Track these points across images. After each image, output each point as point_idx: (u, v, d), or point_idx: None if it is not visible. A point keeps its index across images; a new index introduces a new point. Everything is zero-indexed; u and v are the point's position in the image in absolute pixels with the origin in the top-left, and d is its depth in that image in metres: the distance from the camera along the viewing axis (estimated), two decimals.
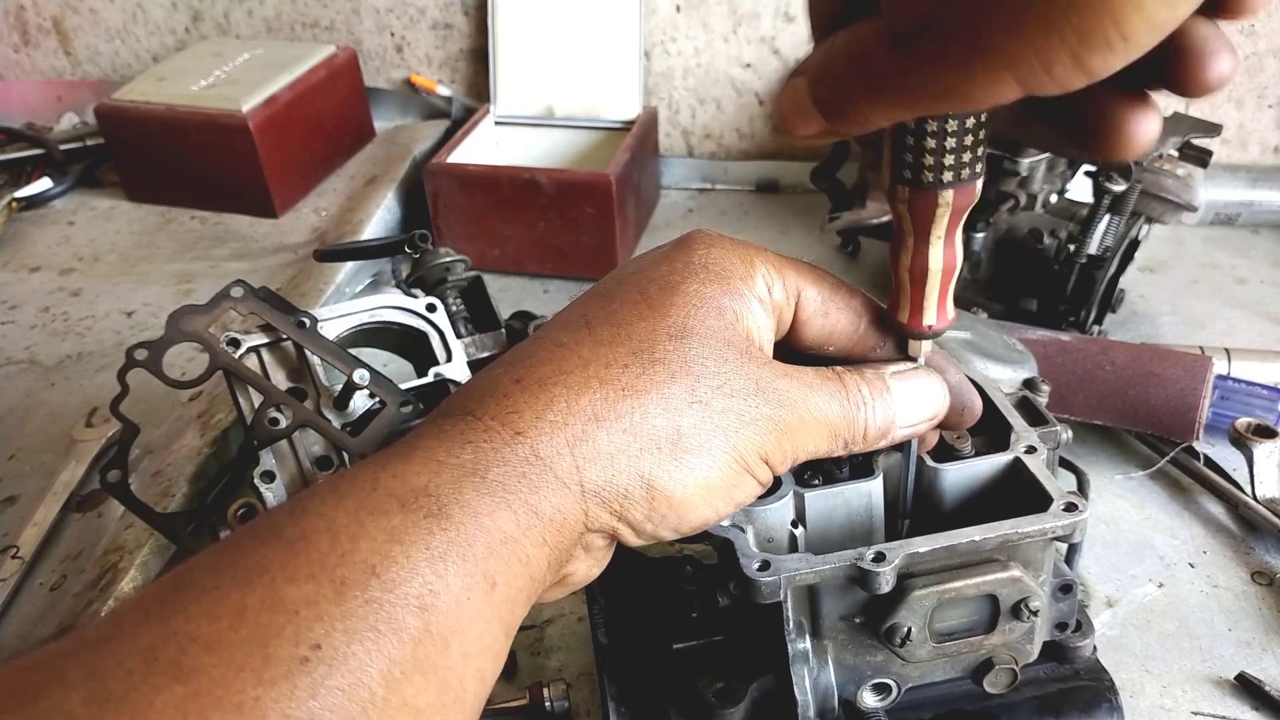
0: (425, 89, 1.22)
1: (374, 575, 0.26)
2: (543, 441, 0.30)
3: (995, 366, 0.59)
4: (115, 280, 0.99)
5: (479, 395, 0.32)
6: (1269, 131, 1.07)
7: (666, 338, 0.33)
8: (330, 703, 0.24)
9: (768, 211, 1.11)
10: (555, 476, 0.30)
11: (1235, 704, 0.54)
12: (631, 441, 0.31)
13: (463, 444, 0.30)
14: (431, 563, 0.27)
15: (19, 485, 0.72)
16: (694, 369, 0.32)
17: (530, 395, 0.31)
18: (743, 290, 0.35)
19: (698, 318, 0.33)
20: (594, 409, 0.31)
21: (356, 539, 0.27)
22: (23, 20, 1.29)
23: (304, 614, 0.25)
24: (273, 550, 0.27)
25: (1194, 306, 0.90)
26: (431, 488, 0.29)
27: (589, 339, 0.33)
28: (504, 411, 0.31)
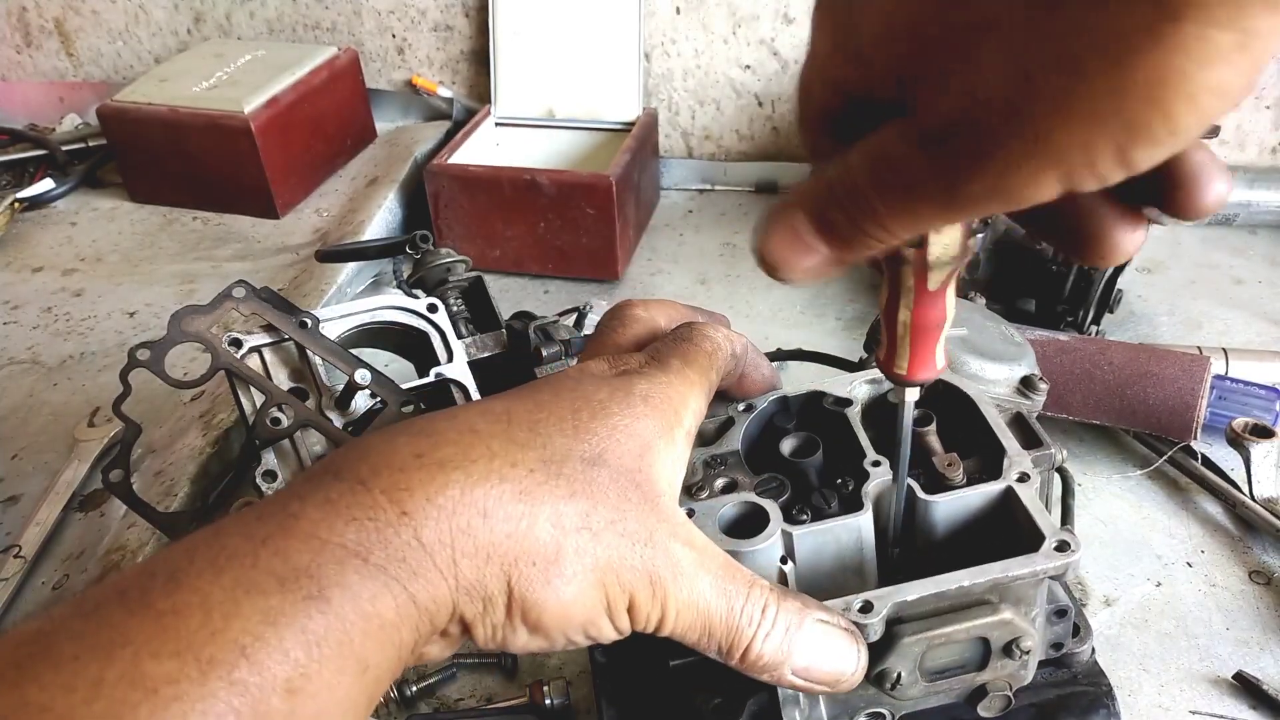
0: (426, 90, 1.22)
1: (244, 656, 0.25)
2: (428, 527, 0.29)
3: (991, 365, 0.58)
4: (117, 281, 1.00)
5: (373, 463, 0.31)
6: (1266, 132, 1.07)
7: (580, 459, 0.32)
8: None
9: None
10: (434, 566, 0.29)
11: (1233, 703, 0.54)
12: (511, 547, 0.30)
13: (348, 520, 0.29)
14: (306, 647, 0.26)
15: (21, 485, 0.73)
16: (595, 497, 0.32)
17: (426, 475, 0.30)
18: (675, 433, 0.35)
19: (615, 452, 0.33)
20: (486, 503, 0.30)
21: (230, 618, 0.26)
22: (25, 21, 1.29)
23: (163, 692, 0.24)
24: (140, 621, 0.26)
25: (1191, 307, 0.91)
26: (313, 568, 0.28)
27: (503, 434, 0.32)
28: (395, 487, 0.30)
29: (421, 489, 0.30)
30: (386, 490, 0.30)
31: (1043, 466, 0.42)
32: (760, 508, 0.37)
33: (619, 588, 0.32)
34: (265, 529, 0.29)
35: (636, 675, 0.46)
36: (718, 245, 1.05)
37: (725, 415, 0.43)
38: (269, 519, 0.29)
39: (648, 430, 0.34)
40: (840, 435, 0.42)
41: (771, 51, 1.12)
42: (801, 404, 0.44)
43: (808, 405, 0.44)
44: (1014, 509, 0.38)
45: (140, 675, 0.24)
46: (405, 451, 0.31)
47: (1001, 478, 0.39)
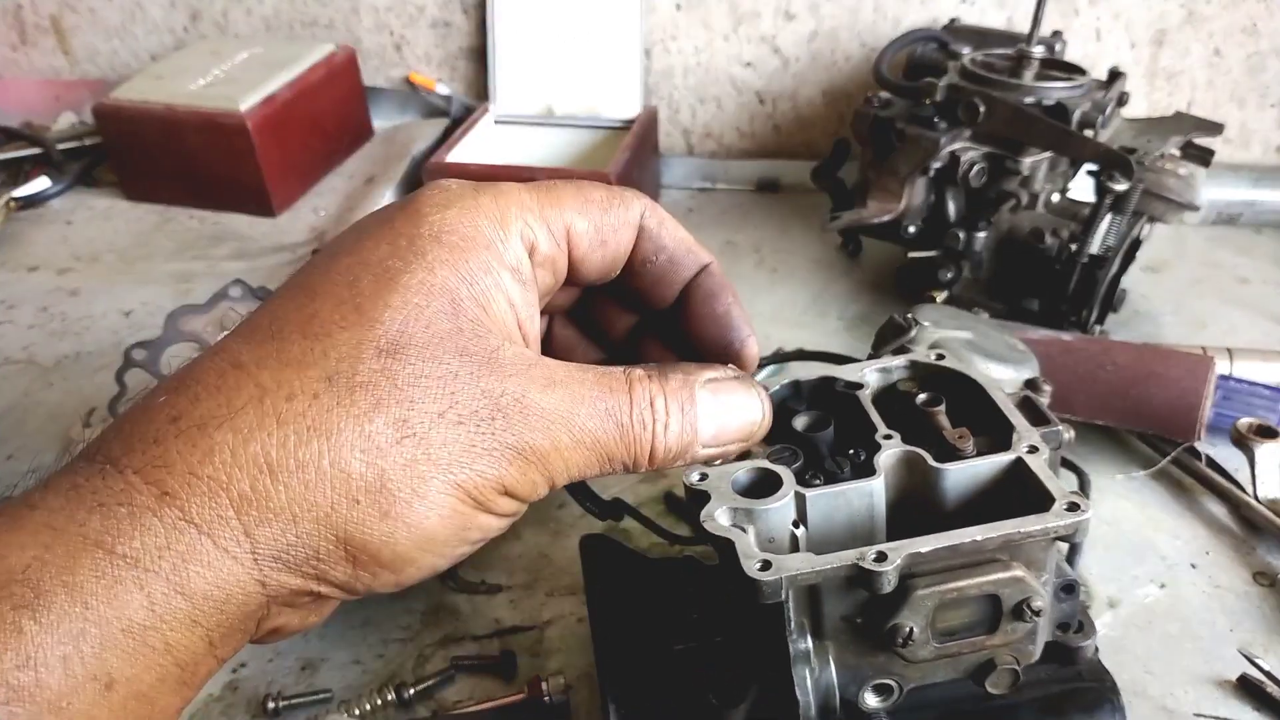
0: (424, 88, 1.22)
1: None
2: (196, 504, 0.24)
3: (997, 367, 0.58)
4: (113, 280, 0.99)
5: (125, 436, 0.26)
6: (1271, 131, 1.07)
7: (375, 353, 0.26)
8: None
9: (768, 211, 1.11)
10: (215, 545, 0.25)
11: (1237, 705, 0.54)
12: (319, 494, 0.25)
13: (92, 506, 0.24)
14: (17, 669, 0.22)
15: (16, 485, 0.72)
16: (408, 393, 0.26)
17: (186, 442, 0.25)
18: (490, 263, 0.28)
19: (419, 322, 0.27)
20: (268, 456, 0.25)
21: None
22: (20, 19, 1.29)
23: None
24: None
25: (1196, 306, 0.90)
26: (33, 569, 0.23)
27: (275, 358, 0.26)
28: (151, 463, 0.25)
29: (182, 461, 0.25)
30: (140, 470, 0.25)
31: (1051, 443, 0.42)
32: (773, 472, 0.38)
33: (480, 480, 0.27)
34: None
35: (639, 659, 0.46)
36: (718, 244, 1.04)
37: None
38: (6, 510, 0.25)
39: (451, 278, 0.27)
40: (851, 418, 0.43)
41: (773, 49, 1.12)
42: (813, 389, 0.45)
43: (818, 390, 0.45)
44: (1024, 478, 0.39)
45: None
46: (161, 416, 0.26)
47: (1011, 450, 0.39)
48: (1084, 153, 0.77)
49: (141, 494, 0.25)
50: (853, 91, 1.12)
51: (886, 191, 0.84)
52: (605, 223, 0.31)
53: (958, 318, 0.65)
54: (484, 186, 0.30)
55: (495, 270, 0.28)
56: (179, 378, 0.27)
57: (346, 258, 0.28)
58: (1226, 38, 1.02)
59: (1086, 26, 1.05)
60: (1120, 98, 0.81)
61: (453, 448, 0.26)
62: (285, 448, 0.25)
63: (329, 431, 0.25)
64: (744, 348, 0.34)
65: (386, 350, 0.26)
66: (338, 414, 0.26)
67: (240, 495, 0.25)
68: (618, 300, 0.35)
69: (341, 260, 0.28)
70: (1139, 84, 1.06)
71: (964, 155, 0.81)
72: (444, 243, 0.28)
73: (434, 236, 0.28)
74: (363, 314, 0.27)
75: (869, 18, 1.08)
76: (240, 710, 0.55)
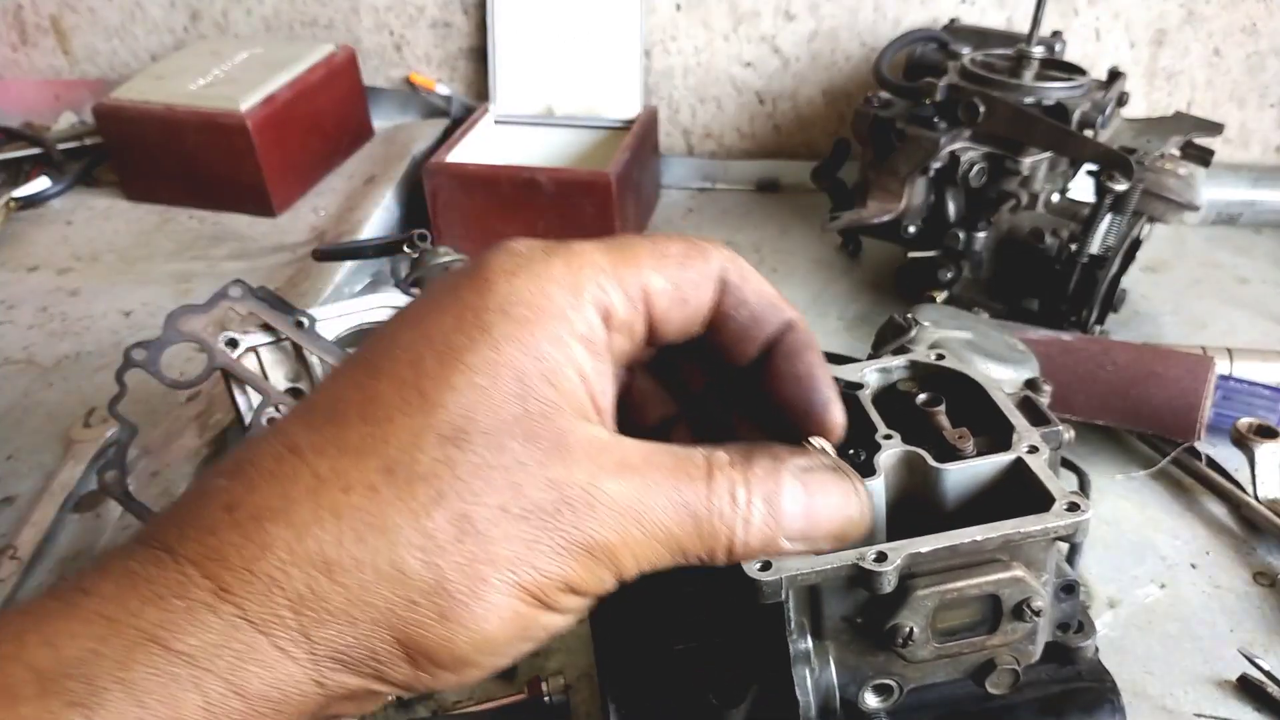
0: (424, 88, 1.22)
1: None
2: (253, 602, 0.23)
3: (997, 367, 0.58)
4: (113, 280, 0.99)
5: (181, 522, 0.25)
6: (1271, 131, 1.07)
7: (436, 441, 0.24)
8: None
9: (768, 211, 1.11)
10: (272, 644, 0.23)
11: (1237, 705, 0.54)
12: (376, 595, 0.24)
13: (147, 596, 0.23)
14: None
15: (16, 485, 0.72)
16: (470, 485, 0.24)
17: (241, 535, 0.24)
18: (560, 336, 0.26)
19: (484, 406, 0.25)
20: (325, 555, 0.24)
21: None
22: (21, 19, 1.29)
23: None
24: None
25: (1196, 306, 0.90)
26: (88, 663, 0.22)
27: (333, 444, 0.25)
28: (207, 555, 0.24)
29: (237, 554, 0.24)
30: (196, 560, 0.24)
31: (1051, 443, 0.42)
32: None
33: (543, 579, 0.25)
34: (47, 607, 0.23)
35: (640, 659, 0.46)
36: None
37: None
38: (60, 594, 0.24)
39: (519, 355, 0.25)
40: (850, 418, 0.42)
41: (773, 49, 1.12)
42: None
43: None
44: (1025, 478, 0.38)
45: None
46: (216, 504, 0.25)
47: (1011, 450, 0.39)
48: (1084, 153, 0.77)
49: (198, 588, 0.23)
50: (853, 91, 1.12)
51: (886, 191, 0.84)
52: (684, 279, 0.29)
53: (958, 318, 0.65)
54: (556, 248, 0.28)
55: (566, 342, 0.26)
56: (236, 461, 0.26)
57: (411, 331, 0.27)
58: (1226, 38, 1.03)
59: (1086, 26, 1.05)
60: (1120, 98, 0.81)
61: (515, 545, 0.25)
62: (342, 545, 0.24)
63: (386, 528, 0.24)
64: (826, 412, 0.31)
65: (449, 438, 0.25)
66: (396, 509, 0.24)
67: (297, 594, 0.24)
68: (697, 355, 0.33)
69: (405, 334, 0.27)
70: (1139, 84, 1.06)
71: (964, 155, 0.81)
72: (511, 316, 0.26)
73: (501, 309, 0.26)
74: (425, 397, 0.25)
75: (869, 18, 1.08)
76: None
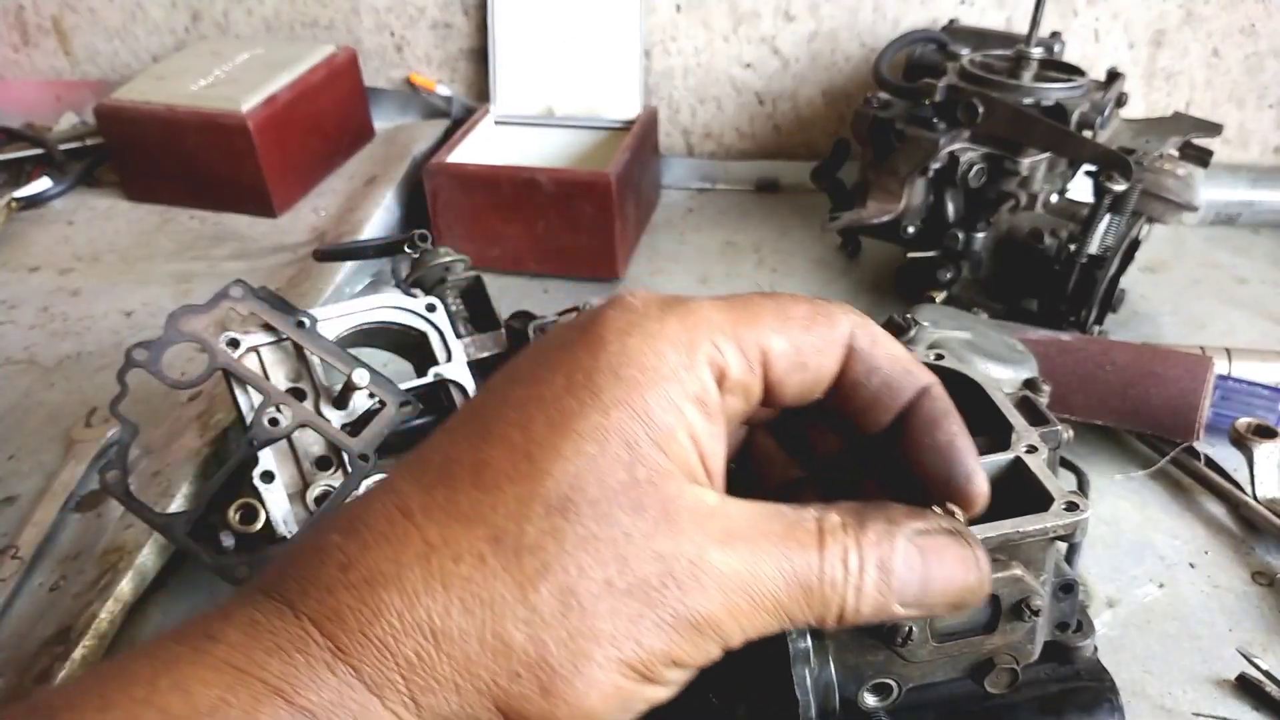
0: (425, 89, 1.22)
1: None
2: (367, 664, 0.24)
3: (996, 367, 0.59)
4: (114, 280, 0.99)
5: (300, 576, 0.25)
6: (1270, 131, 1.07)
7: (544, 511, 0.24)
8: None
9: (768, 211, 1.11)
10: (383, 706, 0.24)
11: (1236, 705, 0.54)
12: (481, 666, 0.24)
13: (271, 648, 0.24)
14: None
15: (18, 485, 0.72)
16: (575, 558, 0.24)
17: (356, 598, 0.24)
18: (672, 398, 0.26)
19: (591, 474, 0.25)
20: (433, 624, 0.24)
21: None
22: (22, 20, 1.29)
23: None
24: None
25: (1195, 306, 0.90)
26: (219, 711, 0.23)
27: (443, 509, 0.25)
28: (325, 614, 0.24)
29: (353, 616, 0.24)
30: (315, 618, 0.24)
31: (1050, 443, 0.42)
32: None
33: (646, 655, 0.25)
34: (175, 651, 0.24)
35: None
36: (719, 244, 1.04)
37: None
38: (186, 638, 0.24)
39: (628, 420, 0.25)
40: None
41: (772, 50, 1.12)
42: None
43: None
44: (1023, 478, 0.38)
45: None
46: (331, 562, 0.25)
47: (1010, 449, 0.39)
48: (1083, 153, 0.77)
49: (317, 645, 0.24)
50: (852, 92, 1.12)
51: (886, 192, 0.85)
52: (806, 343, 0.28)
53: (957, 318, 0.65)
54: (672, 304, 0.27)
55: (678, 404, 0.26)
56: (350, 517, 0.26)
57: (522, 389, 0.26)
58: (1225, 38, 1.03)
59: (1085, 27, 1.05)
60: (1119, 98, 0.82)
61: (619, 620, 0.24)
62: (450, 616, 0.24)
63: (493, 600, 0.24)
64: (968, 485, 0.29)
65: (556, 508, 0.25)
66: (503, 580, 0.24)
67: (407, 660, 0.24)
68: (825, 418, 0.31)
69: (517, 392, 0.27)
70: (1137, 84, 1.06)
71: (963, 156, 0.81)
72: (622, 378, 0.26)
73: (612, 370, 0.26)
74: (533, 464, 0.25)
75: (868, 18, 1.08)
76: None
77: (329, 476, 0.59)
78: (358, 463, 0.58)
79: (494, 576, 0.24)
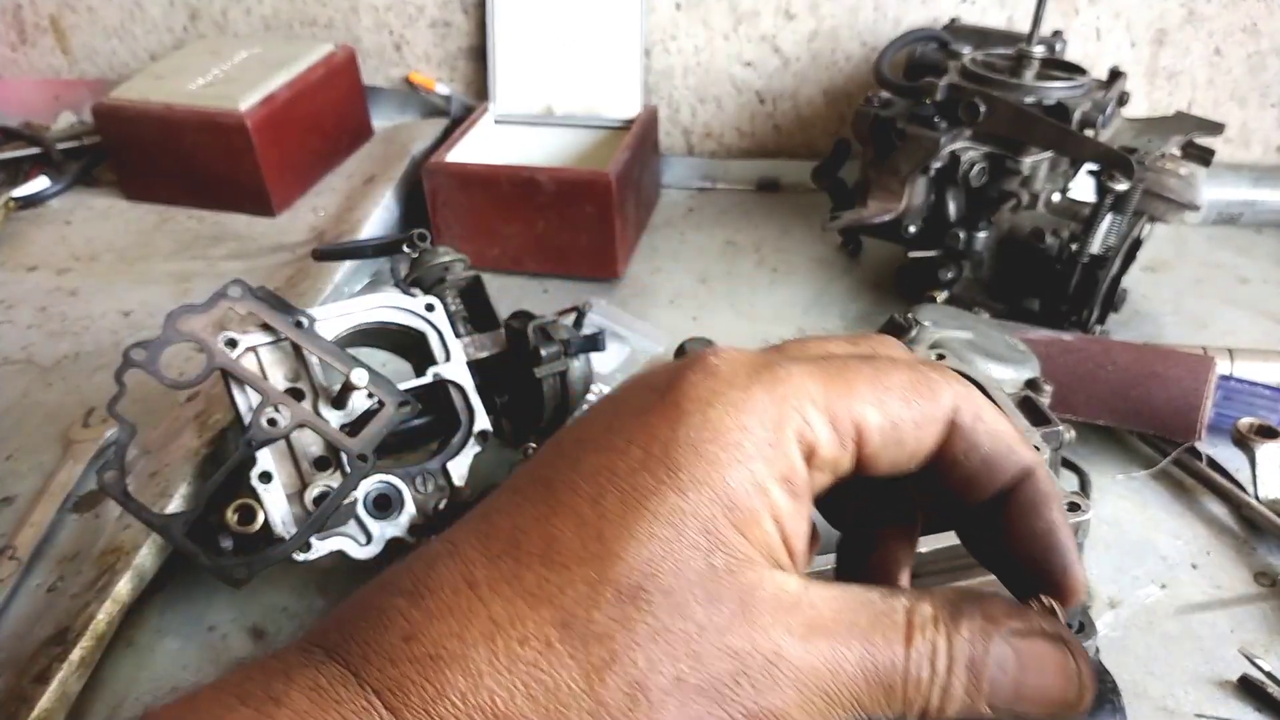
0: (424, 87, 1.21)
1: None
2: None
3: (998, 367, 0.58)
4: (112, 280, 0.99)
5: (363, 640, 0.25)
6: (1272, 130, 1.07)
7: (614, 597, 0.23)
8: None
9: (768, 210, 1.11)
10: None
11: (1238, 706, 0.54)
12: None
13: (337, 718, 0.23)
14: None
15: (15, 485, 0.72)
16: (645, 651, 0.23)
17: (419, 673, 0.24)
18: (755, 479, 0.24)
19: (666, 561, 0.23)
20: (495, 708, 0.23)
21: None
22: (20, 19, 1.29)
23: None
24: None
25: (1197, 306, 0.90)
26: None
27: (509, 584, 0.24)
28: (389, 686, 0.24)
29: (416, 692, 0.23)
30: (379, 689, 0.24)
31: (1052, 443, 0.42)
32: None
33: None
34: (241, 715, 0.23)
35: None
36: (719, 243, 1.04)
37: None
38: (249, 698, 0.24)
39: (707, 503, 0.24)
40: None
41: (773, 48, 1.12)
42: None
43: None
44: None
45: None
46: (395, 630, 0.24)
47: None
48: (1084, 152, 0.77)
49: (381, 715, 0.24)
50: (853, 91, 1.12)
51: (887, 191, 0.84)
52: (905, 417, 0.26)
53: (958, 317, 0.65)
54: (760, 369, 0.25)
55: (762, 485, 0.24)
56: (414, 579, 0.25)
57: (595, 456, 0.25)
58: (1227, 37, 1.02)
59: (1087, 26, 1.05)
60: (1121, 97, 0.81)
61: (686, 718, 0.23)
62: (513, 701, 0.23)
63: (557, 689, 0.23)
64: (1065, 577, 0.28)
65: (628, 595, 0.23)
66: (569, 669, 0.23)
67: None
68: (916, 480, 0.30)
69: (589, 459, 0.25)
70: (1139, 83, 1.06)
71: (964, 155, 0.81)
72: (703, 454, 0.24)
73: (692, 445, 0.24)
74: (605, 544, 0.24)
75: (869, 17, 1.08)
76: None
77: (327, 477, 0.58)
78: (356, 463, 0.58)
79: (560, 664, 0.23)
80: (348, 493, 0.57)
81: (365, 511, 0.59)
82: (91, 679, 0.57)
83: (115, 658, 0.59)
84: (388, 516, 0.59)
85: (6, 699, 0.54)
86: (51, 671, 0.54)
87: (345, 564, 0.61)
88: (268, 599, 0.62)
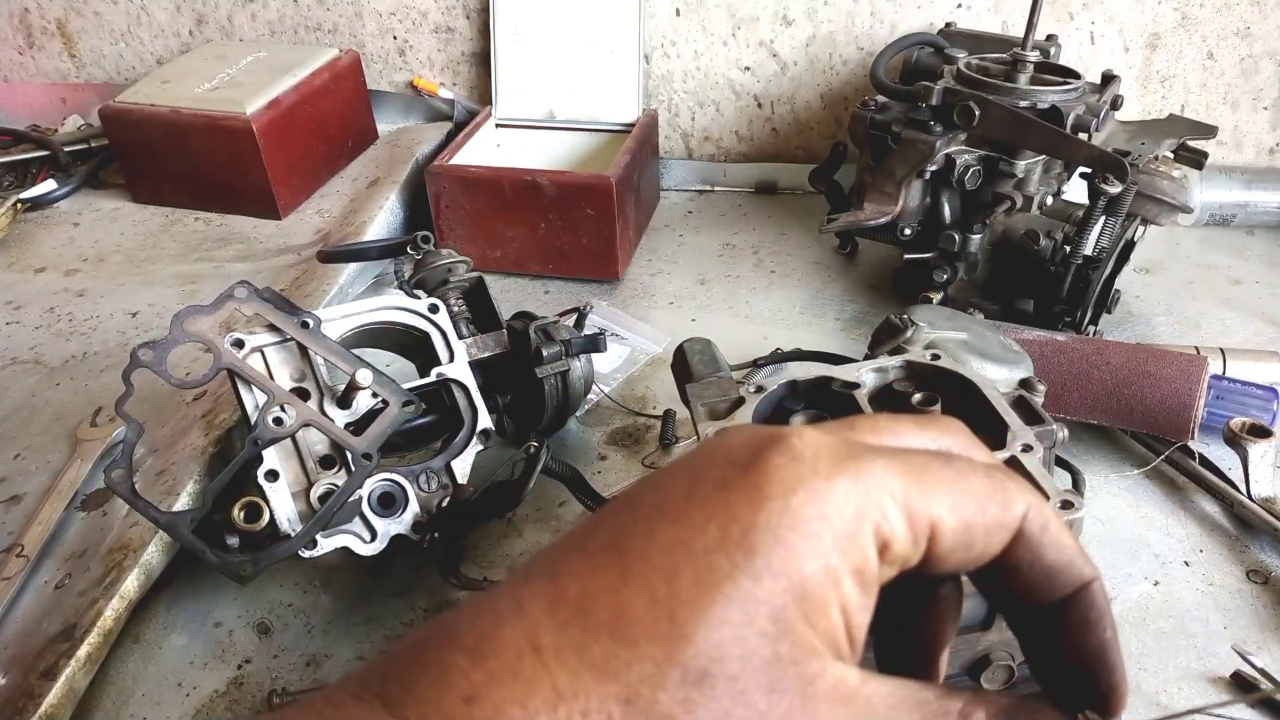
0: (428, 92, 1.23)
1: None
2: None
3: (992, 367, 0.59)
4: (120, 281, 1.00)
5: (421, 698, 0.24)
6: (1264, 133, 1.08)
7: (680, 679, 0.23)
8: None
9: (766, 213, 1.12)
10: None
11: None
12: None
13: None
14: None
15: (24, 484, 0.73)
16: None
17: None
18: (829, 570, 0.24)
19: (734, 647, 0.23)
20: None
21: None
22: (27, 23, 1.30)
23: None
24: None
25: (1189, 307, 0.91)
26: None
27: (575, 653, 0.23)
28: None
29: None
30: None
31: (1045, 442, 0.43)
32: None
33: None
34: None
35: None
36: (718, 245, 1.05)
37: (736, 395, 0.44)
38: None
39: (780, 592, 0.23)
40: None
41: (771, 53, 1.13)
42: (810, 388, 0.46)
43: (816, 390, 0.46)
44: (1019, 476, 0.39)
45: None
46: (455, 690, 0.24)
47: (1005, 449, 0.40)
48: (1078, 155, 0.78)
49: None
50: (849, 95, 1.13)
51: (883, 194, 0.85)
52: (979, 523, 0.26)
53: (953, 318, 0.65)
54: (844, 458, 0.25)
55: (835, 577, 0.24)
56: (476, 635, 0.24)
57: (671, 529, 0.24)
58: (1219, 41, 1.03)
59: (1081, 30, 1.06)
60: (1114, 101, 0.82)
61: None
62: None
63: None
64: (1111, 696, 0.28)
65: (693, 678, 0.23)
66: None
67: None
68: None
69: (664, 531, 0.24)
70: (1133, 87, 1.07)
71: (959, 158, 0.82)
72: (781, 542, 0.23)
73: (771, 531, 0.24)
74: (675, 624, 0.23)
75: (865, 22, 1.09)
76: (245, 705, 0.56)
77: (332, 475, 0.59)
78: (361, 461, 0.59)
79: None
80: (353, 491, 0.58)
81: (370, 509, 0.60)
82: (99, 675, 0.57)
83: (122, 654, 0.60)
84: (392, 514, 0.60)
85: (15, 694, 0.55)
86: (59, 667, 0.55)
87: (350, 560, 0.62)
88: (273, 595, 0.63)
